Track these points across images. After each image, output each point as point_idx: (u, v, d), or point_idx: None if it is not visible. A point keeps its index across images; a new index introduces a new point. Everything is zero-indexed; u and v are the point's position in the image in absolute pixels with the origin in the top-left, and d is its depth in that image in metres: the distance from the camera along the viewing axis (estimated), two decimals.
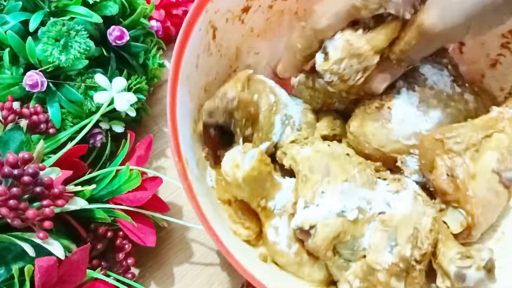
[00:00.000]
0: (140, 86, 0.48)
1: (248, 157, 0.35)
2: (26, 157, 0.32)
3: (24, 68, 0.43)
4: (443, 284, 0.34)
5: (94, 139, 0.45)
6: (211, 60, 0.41)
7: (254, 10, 0.44)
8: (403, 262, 0.33)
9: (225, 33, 0.42)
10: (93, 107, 0.44)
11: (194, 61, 0.38)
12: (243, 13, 0.43)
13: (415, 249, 0.33)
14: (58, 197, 0.34)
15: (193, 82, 0.39)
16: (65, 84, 0.43)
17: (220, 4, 0.40)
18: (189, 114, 0.39)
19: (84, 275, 0.35)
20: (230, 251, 0.32)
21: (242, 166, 0.35)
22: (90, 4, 0.44)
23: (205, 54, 0.40)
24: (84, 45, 0.41)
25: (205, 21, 0.39)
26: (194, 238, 0.46)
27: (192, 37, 0.37)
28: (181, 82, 0.36)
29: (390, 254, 0.33)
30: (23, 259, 0.35)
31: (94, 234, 0.41)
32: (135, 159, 0.43)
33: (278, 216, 0.37)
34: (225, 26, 0.42)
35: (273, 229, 0.37)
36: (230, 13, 0.42)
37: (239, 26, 0.44)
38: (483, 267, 0.32)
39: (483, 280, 0.33)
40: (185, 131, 0.37)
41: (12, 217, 0.31)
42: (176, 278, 0.44)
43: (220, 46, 0.42)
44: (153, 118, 0.54)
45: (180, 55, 0.36)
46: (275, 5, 0.45)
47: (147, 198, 0.39)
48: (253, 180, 0.35)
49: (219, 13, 0.40)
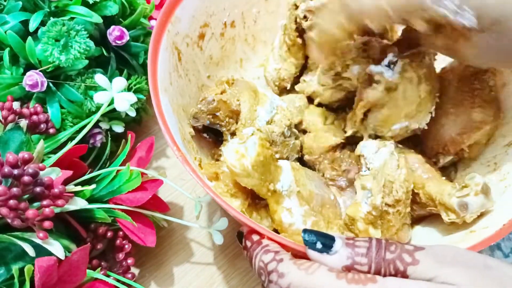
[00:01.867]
0: (140, 86, 0.48)
1: (250, 144, 0.36)
2: (26, 157, 0.32)
3: (24, 68, 0.43)
4: (448, 218, 0.36)
5: (94, 139, 0.45)
6: (181, 82, 0.42)
7: (209, 37, 0.45)
8: (375, 210, 0.36)
9: (189, 57, 0.43)
10: (93, 107, 0.44)
11: (167, 77, 0.39)
12: (200, 40, 0.44)
13: (386, 197, 0.36)
14: (58, 197, 0.34)
15: (171, 96, 0.39)
16: (65, 84, 0.43)
17: (178, 27, 0.41)
18: (175, 121, 0.39)
19: (84, 275, 0.35)
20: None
21: (248, 154, 0.35)
22: (90, 4, 0.44)
23: (175, 74, 0.41)
24: (84, 45, 0.41)
25: (168, 40, 0.40)
26: (194, 238, 0.46)
27: (161, 54, 0.38)
28: (161, 92, 0.37)
29: (366, 204, 0.37)
30: (23, 259, 0.35)
31: (94, 234, 0.41)
32: (136, 160, 0.43)
33: (287, 197, 0.38)
34: (187, 50, 0.43)
35: (287, 211, 0.38)
36: (189, 38, 0.43)
37: (199, 53, 0.45)
38: (481, 191, 0.35)
39: (484, 203, 0.35)
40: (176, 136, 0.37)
41: (12, 217, 0.31)
42: (176, 278, 0.44)
43: (187, 70, 0.43)
44: (153, 118, 0.53)
45: (154, 66, 0.37)
46: (225, 32, 0.47)
47: (147, 198, 0.39)
48: (261, 165, 0.36)
49: (179, 36, 0.41)
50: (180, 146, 0.35)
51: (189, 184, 0.49)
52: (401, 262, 0.27)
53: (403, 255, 0.27)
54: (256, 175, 0.36)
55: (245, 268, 0.44)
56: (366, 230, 0.37)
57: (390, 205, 0.36)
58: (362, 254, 0.27)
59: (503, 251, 0.47)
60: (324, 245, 0.28)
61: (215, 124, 0.42)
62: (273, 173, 0.37)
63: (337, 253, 0.28)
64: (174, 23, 0.40)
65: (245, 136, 0.36)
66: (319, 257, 0.28)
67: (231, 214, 0.32)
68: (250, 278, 0.44)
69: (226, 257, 0.45)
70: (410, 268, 0.26)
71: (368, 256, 0.27)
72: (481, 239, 0.33)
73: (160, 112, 0.35)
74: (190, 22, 0.42)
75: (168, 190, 0.48)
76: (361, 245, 0.28)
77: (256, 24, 0.50)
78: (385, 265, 0.27)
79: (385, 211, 0.36)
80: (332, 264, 0.28)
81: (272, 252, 0.30)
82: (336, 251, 0.28)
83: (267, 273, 0.29)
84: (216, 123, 0.42)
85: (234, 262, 0.45)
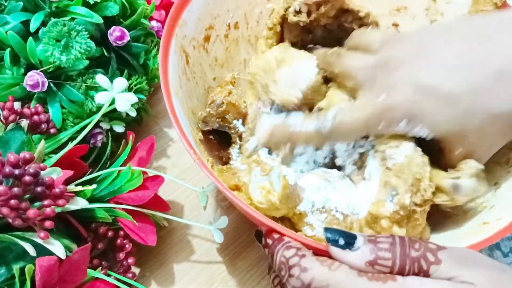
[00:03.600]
0: (140, 86, 0.48)
1: (275, 178, 0.36)
2: (27, 157, 0.33)
3: (25, 68, 0.43)
4: (440, 199, 0.36)
5: (95, 139, 0.45)
6: (190, 85, 0.42)
7: (213, 39, 0.45)
8: (403, 210, 0.35)
9: (195, 60, 0.43)
10: (94, 107, 0.44)
11: (177, 81, 0.39)
12: (205, 42, 0.44)
13: (414, 196, 0.35)
14: (59, 197, 0.34)
15: (182, 99, 0.39)
16: (66, 84, 0.44)
17: (185, 31, 0.41)
18: (187, 124, 0.39)
19: (85, 274, 0.35)
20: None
21: (274, 190, 0.35)
22: (91, 4, 0.44)
23: (184, 77, 0.41)
24: (84, 46, 0.41)
25: (177, 44, 0.40)
26: (194, 237, 0.46)
27: (171, 57, 0.38)
28: (173, 96, 0.37)
29: (391, 203, 0.35)
30: (24, 258, 0.35)
31: (95, 233, 0.41)
32: (137, 160, 0.43)
33: (310, 213, 0.38)
34: (194, 53, 0.43)
35: (308, 226, 0.38)
36: (195, 41, 0.43)
37: (205, 56, 0.45)
38: (474, 175, 0.35)
39: (476, 187, 0.35)
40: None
41: (13, 217, 0.31)
42: (176, 277, 0.44)
43: (194, 73, 0.43)
44: (153, 118, 0.54)
45: (165, 71, 0.37)
46: (229, 34, 0.47)
47: (148, 197, 0.39)
48: (288, 197, 0.36)
49: (186, 39, 0.41)
50: (196, 149, 0.35)
51: (190, 183, 0.49)
52: (425, 261, 0.27)
53: (427, 254, 0.27)
54: (284, 207, 0.36)
55: (245, 267, 0.45)
56: (390, 228, 0.36)
57: (418, 205, 0.35)
58: (386, 249, 0.27)
59: (503, 251, 0.47)
60: (346, 242, 0.28)
61: (224, 127, 0.42)
62: (296, 197, 0.37)
63: (360, 249, 0.28)
64: (181, 26, 0.40)
65: (267, 168, 0.36)
66: (341, 253, 0.28)
67: (256, 220, 0.32)
68: (251, 277, 0.44)
69: (227, 256, 0.45)
70: (433, 267, 0.26)
71: (392, 252, 0.27)
72: (496, 231, 0.33)
73: (175, 116, 0.35)
74: (196, 25, 0.42)
75: (168, 189, 0.49)
76: (383, 241, 0.28)
77: (259, 24, 0.50)
78: (410, 263, 0.27)
79: (412, 210, 0.35)
80: (355, 259, 0.28)
81: (294, 248, 0.30)
82: (359, 247, 0.28)
83: (288, 267, 0.29)
84: (224, 125, 0.42)
85: (234, 261, 0.45)
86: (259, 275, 0.44)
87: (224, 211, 0.47)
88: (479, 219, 0.36)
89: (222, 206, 0.48)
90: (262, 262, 0.45)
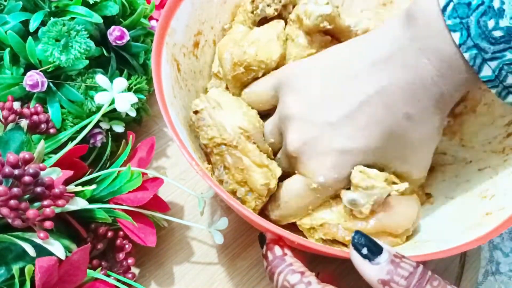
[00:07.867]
0: (140, 86, 0.48)
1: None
2: (26, 157, 0.32)
3: (24, 68, 0.43)
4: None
5: (95, 139, 0.45)
6: (182, 93, 0.42)
7: (202, 45, 0.45)
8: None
9: (186, 67, 0.43)
10: (94, 107, 0.44)
11: (171, 91, 0.39)
12: (195, 48, 0.44)
13: None
14: (59, 197, 0.34)
15: (177, 109, 0.39)
16: (65, 84, 0.43)
17: (175, 39, 0.41)
18: (186, 134, 0.39)
19: (85, 275, 0.35)
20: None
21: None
22: (91, 4, 0.44)
23: (177, 85, 0.41)
24: (84, 45, 0.41)
25: (168, 53, 0.40)
26: (194, 238, 0.46)
27: (163, 67, 0.38)
28: (169, 107, 0.37)
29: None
30: (24, 259, 0.35)
31: (95, 234, 0.41)
32: (137, 160, 0.43)
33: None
34: (184, 60, 0.43)
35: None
36: (185, 48, 0.43)
37: (195, 62, 0.45)
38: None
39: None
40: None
41: (13, 217, 0.31)
42: (176, 278, 0.44)
43: (186, 80, 0.43)
44: (153, 118, 0.54)
45: (159, 81, 0.37)
46: (217, 39, 0.46)
47: (148, 198, 0.39)
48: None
49: (176, 47, 0.41)
50: (197, 160, 0.35)
51: (190, 183, 0.49)
52: None
53: None
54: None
55: (245, 268, 0.45)
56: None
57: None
58: (403, 276, 0.27)
59: (503, 251, 0.47)
60: (371, 252, 0.28)
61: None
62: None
63: (379, 265, 0.28)
64: (171, 34, 0.40)
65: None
66: (359, 261, 0.28)
67: (260, 227, 0.32)
68: (250, 278, 0.44)
69: (227, 256, 0.45)
70: None
71: (408, 281, 0.27)
72: (501, 221, 0.32)
73: (173, 127, 0.35)
74: (184, 32, 0.42)
75: (168, 190, 0.49)
76: (405, 267, 0.27)
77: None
78: None
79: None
80: (370, 273, 0.28)
81: (298, 273, 0.30)
82: (379, 263, 0.28)
83: None
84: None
85: (234, 261, 0.45)
86: (259, 276, 0.44)
87: (223, 211, 0.47)
88: (481, 209, 0.36)
89: (221, 207, 0.48)
90: (262, 262, 0.45)
